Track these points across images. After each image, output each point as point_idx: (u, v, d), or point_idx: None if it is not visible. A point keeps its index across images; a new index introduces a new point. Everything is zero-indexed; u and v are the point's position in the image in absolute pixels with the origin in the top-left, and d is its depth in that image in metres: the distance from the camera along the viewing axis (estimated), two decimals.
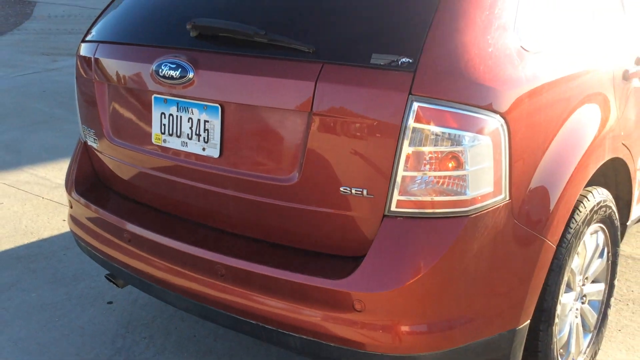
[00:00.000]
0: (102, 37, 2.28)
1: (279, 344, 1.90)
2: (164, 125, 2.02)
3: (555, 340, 2.00)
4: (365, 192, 1.69)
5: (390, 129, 1.63)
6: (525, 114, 1.72)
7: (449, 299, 1.69)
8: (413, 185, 1.64)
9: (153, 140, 2.06)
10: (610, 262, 2.37)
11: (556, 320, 1.97)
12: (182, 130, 1.97)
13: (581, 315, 2.27)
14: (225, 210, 1.96)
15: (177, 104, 1.97)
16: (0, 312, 2.90)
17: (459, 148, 1.62)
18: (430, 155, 1.62)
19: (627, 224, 2.53)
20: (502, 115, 1.65)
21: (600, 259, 2.30)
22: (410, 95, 1.60)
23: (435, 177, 1.63)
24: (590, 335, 2.36)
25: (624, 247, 3.33)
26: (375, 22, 1.73)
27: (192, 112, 1.94)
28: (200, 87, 1.89)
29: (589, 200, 2.04)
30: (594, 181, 2.24)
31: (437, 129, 1.60)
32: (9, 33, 11.09)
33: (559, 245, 1.90)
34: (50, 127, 5.68)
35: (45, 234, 3.68)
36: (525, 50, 1.78)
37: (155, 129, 2.05)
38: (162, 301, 2.21)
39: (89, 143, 2.36)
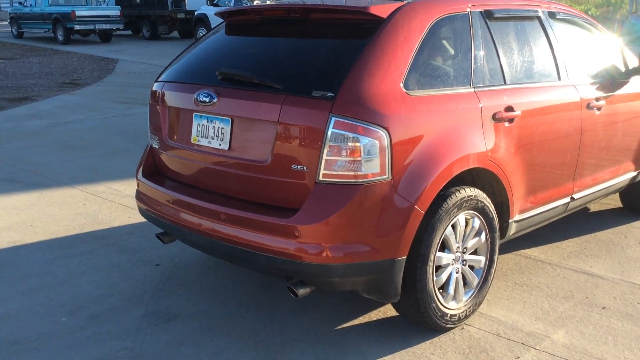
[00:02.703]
0: (166, 78, 3.63)
1: (254, 264, 3.09)
2: (199, 131, 3.32)
3: (430, 277, 3.10)
4: (305, 168, 2.91)
5: (319, 132, 2.85)
6: (402, 129, 2.90)
7: (350, 232, 2.84)
8: (332, 165, 2.85)
9: (192, 141, 3.36)
10: (488, 242, 3.47)
11: (430, 263, 3.09)
12: (209, 133, 3.26)
13: (463, 274, 3.38)
14: (228, 182, 3.21)
15: (207, 118, 3.27)
16: (82, 267, 4.19)
17: (358, 144, 2.82)
18: (340, 148, 2.84)
19: (510, 221, 3.62)
20: (386, 128, 2.85)
21: (477, 238, 3.40)
22: (330, 113, 2.83)
23: (343, 160, 2.83)
24: (472, 291, 3.44)
25: (543, 256, 4.38)
26: (315, 74, 3.03)
27: (215, 123, 3.23)
28: (220, 107, 3.18)
29: (460, 193, 3.17)
30: (478, 184, 3.38)
31: (345, 133, 2.82)
32: (93, 84, 12.93)
33: (430, 214, 3.04)
34: (123, 156, 7.00)
35: (116, 224, 4.98)
36: (407, 94, 2.99)
37: (193, 134, 3.35)
38: (187, 243, 3.47)
39: (153, 145, 3.68)
